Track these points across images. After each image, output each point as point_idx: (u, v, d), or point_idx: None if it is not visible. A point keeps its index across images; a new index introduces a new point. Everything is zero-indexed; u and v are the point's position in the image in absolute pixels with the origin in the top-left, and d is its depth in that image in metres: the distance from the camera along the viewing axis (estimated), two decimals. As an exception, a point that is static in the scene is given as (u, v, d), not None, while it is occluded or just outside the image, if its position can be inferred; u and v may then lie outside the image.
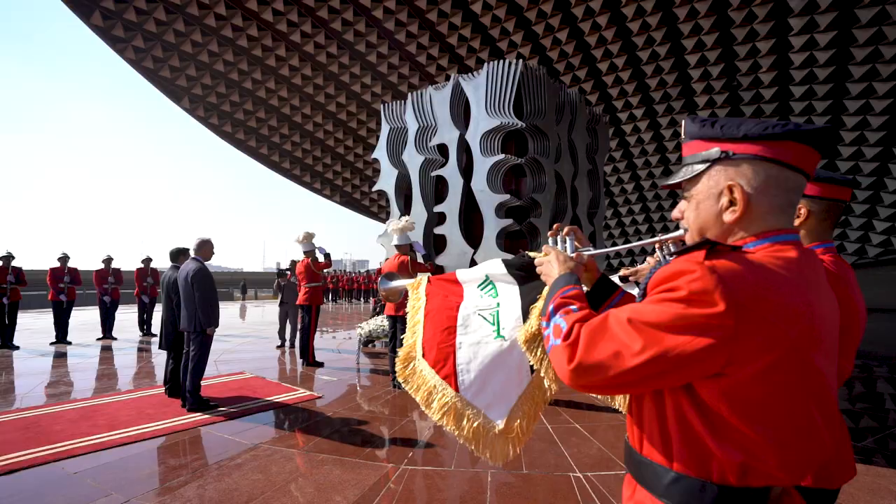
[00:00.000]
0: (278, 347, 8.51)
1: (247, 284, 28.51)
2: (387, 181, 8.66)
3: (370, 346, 8.54)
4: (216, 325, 4.64)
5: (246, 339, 9.74)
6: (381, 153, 8.83)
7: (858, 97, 14.62)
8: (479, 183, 7.31)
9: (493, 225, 7.11)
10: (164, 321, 5.06)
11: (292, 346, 8.51)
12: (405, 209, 8.54)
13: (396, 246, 5.64)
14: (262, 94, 18.93)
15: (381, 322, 6.84)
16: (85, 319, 12.89)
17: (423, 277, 1.57)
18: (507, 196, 7.02)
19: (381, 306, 8.70)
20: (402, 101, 8.68)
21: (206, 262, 4.75)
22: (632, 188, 21.26)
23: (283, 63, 17.95)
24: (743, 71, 15.82)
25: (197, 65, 17.43)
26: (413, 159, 8.23)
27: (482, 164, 7.29)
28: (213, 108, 19.24)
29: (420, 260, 5.72)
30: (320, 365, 6.84)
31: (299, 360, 7.09)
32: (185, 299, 4.59)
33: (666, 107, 17.77)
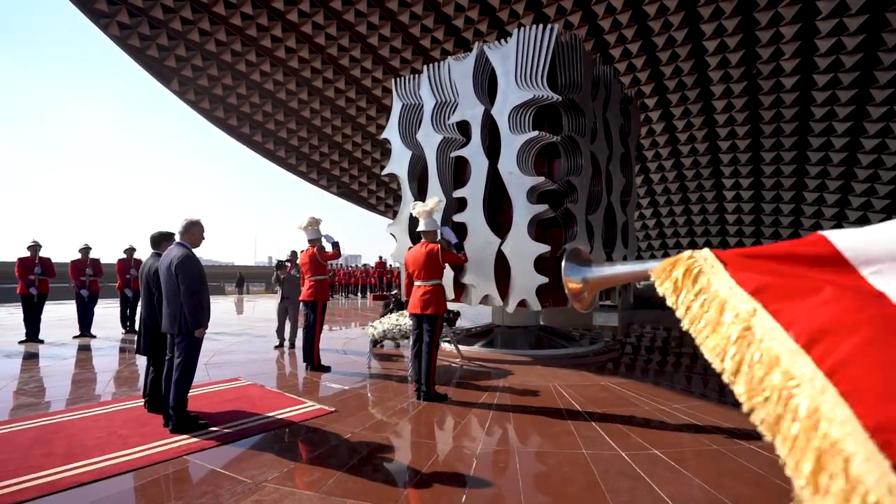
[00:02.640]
0: (277, 348, 7.63)
1: (244, 278, 27.30)
2: (398, 163, 7.79)
3: (378, 346, 7.69)
4: (206, 325, 3.76)
5: (240, 337, 8.85)
6: (392, 132, 7.95)
7: (886, 86, 13.93)
8: (507, 164, 6.46)
9: (523, 211, 6.28)
10: (142, 320, 4.17)
11: (292, 346, 7.64)
12: (419, 195, 7.67)
13: (423, 232, 4.79)
14: (256, 77, 17.91)
15: (396, 321, 5.99)
16: (61, 315, 11.91)
17: (703, 256, 0.69)
18: (542, 179, 6.18)
19: (397, 302, 7.84)
20: (417, 75, 7.80)
21: (194, 249, 3.87)
22: (640, 181, 20.50)
23: (279, 44, 16.95)
24: (764, 58, 15.06)
25: (187, 44, 16.38)
26: (429, 139, 7.36)
27: (511, 143, 6.45)
28: (205, 92, 18.20)
29: (451, 249, 4.87)
30: (326, 369, 5.98)
31: (301, 364, 6.22)
32: (168, 294, 3.71)
33: (680, 96, 16.98)
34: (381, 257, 22.98)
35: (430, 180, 7.29)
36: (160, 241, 4.30)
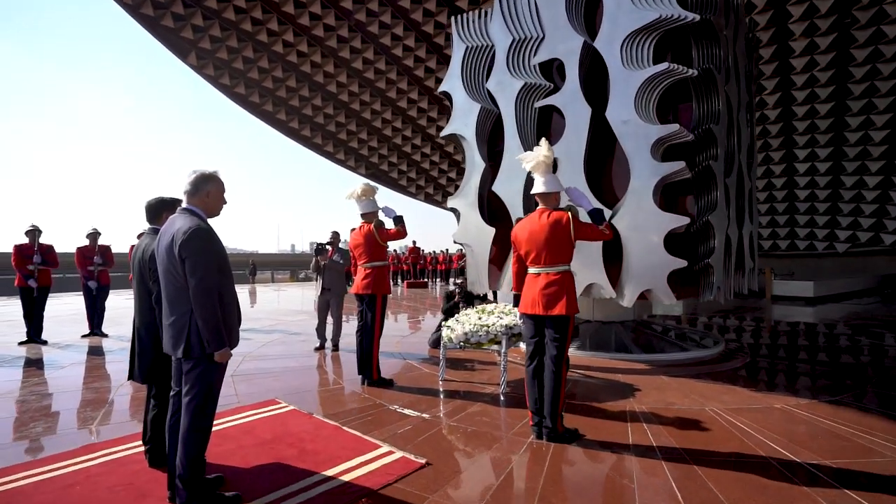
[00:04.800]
0: (317, 350, 6.26)
1: (256, 266, 26.31)
2: (463, 121, 6.23)
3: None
4: (234, 343, 2.33)
5: (271, 335, 7.51)
6: (452, 84, 6.38)
7: None
8: (620, 111, 4.86)
9: (646, 172, 4.68)
10: (135, 329, 2.77)
11: (335, 348, 6.25)
12: (490, 159, 6.13)
13: (540, 196, 3.25)
14: (278, 48, 16.45)
15: (479, 320, 4.50)
16: (67, 310, 10.74)
17: None
18: (675, 127, 4.56)
19: (464, 294, 6.36)
20: (485, 10, 6.21)
21: (210, 219, 2.43)
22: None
23: (302, 11, 15.44)
24: (860, 42, 12.99)
25: (204, 13, 14.99)
26: (504, 87, 5.79)
27: (625, 83, 4.84)
28: (224, 66, 16.83)
29: (586, 219, 3.33)
30: (388, 384, 4.56)
31: (353, 375, 4.79)
32: (170, 291, 2.28)
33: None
34: (414, 242, 21.59)
35: (508, 139, 5.75)
36: (160, 210, 2.87)
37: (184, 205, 2.41)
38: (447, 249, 23.30)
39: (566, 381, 3.23)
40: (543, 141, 3.28)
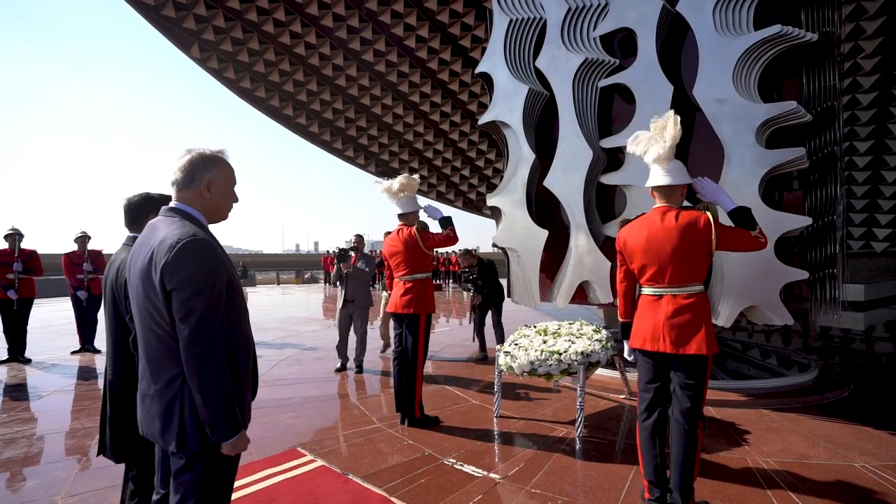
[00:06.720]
0: (338, 371, 5.42)
1: (248, 268, 25.56)
2: (506, 105, 5.36)
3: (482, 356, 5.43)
4: (244, 423, 1.47)
5: (283, 351, 6.67)
6: (493, 63, 5.51)
7: None
8: (710, 88, 3.98)
9: (749, 161, 3.81)
10: (108, 383, 1.92)
11: (359, 369, 5.41)
12: (539, 149, 5.26)
13: (661, 190, 2.35)
14: (285, 39, 15.60)
15: (543, 345, 3.63)
16: (60, 318, 9.89)
17: None
18: (792, 104, 3.68)
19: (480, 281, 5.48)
20: (531, -24, 5.33)
21: (212, 224, 1.57)
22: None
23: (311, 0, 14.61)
24: None
25: (207, 2, 14.19)
26: (558, 64, 4.92)
27: (719, 53, 3.96)
28: (229, 59, 16.00)
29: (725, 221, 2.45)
30: (433, 423, 3.71)
31: (389, 407, 3.95)
32: (149, 341, 1.42)
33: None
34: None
35: (563, 125, 4.88)
36: (145, 211, 2.02)
37: (172, 202, 1.55)
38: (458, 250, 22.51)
39: (702, 442, 2.36)
40: (670, 115, 2.39)
